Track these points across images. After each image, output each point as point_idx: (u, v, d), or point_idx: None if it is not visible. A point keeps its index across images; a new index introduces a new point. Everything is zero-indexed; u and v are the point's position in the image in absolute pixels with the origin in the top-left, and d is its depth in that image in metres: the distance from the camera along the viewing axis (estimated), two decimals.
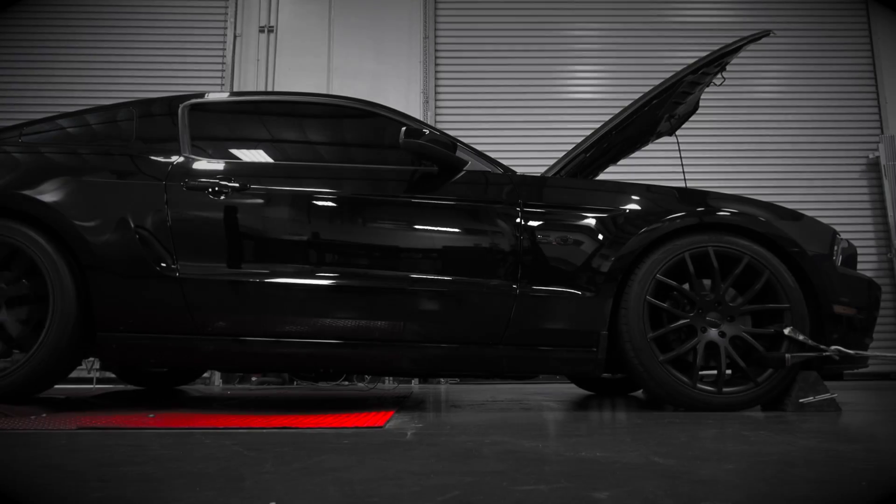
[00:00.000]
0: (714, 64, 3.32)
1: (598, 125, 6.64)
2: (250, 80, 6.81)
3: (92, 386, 5.35)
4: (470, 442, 1.78)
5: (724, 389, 2.73)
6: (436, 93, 6.81)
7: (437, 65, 6.89)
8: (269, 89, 6.72)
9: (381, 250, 2.84)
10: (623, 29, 7.07)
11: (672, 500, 1.04)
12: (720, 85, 3.76)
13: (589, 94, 6.97)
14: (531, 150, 6.58)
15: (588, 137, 3.32)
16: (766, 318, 2.87)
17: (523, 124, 6.77)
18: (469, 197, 2.89)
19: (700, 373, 2.77)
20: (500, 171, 3.03)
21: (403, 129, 2.83)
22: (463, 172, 2.95)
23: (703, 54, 6.95)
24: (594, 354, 2.77)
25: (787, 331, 2.73)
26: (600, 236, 2.82)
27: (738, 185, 6.52)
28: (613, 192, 2.95)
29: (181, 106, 3.14)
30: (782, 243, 2.85)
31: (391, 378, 6.15)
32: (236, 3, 6.92)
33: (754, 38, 3.28)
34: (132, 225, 2.79)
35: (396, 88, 6.74)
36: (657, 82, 7.00)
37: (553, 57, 7.01)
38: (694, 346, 2.77)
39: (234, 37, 6.85)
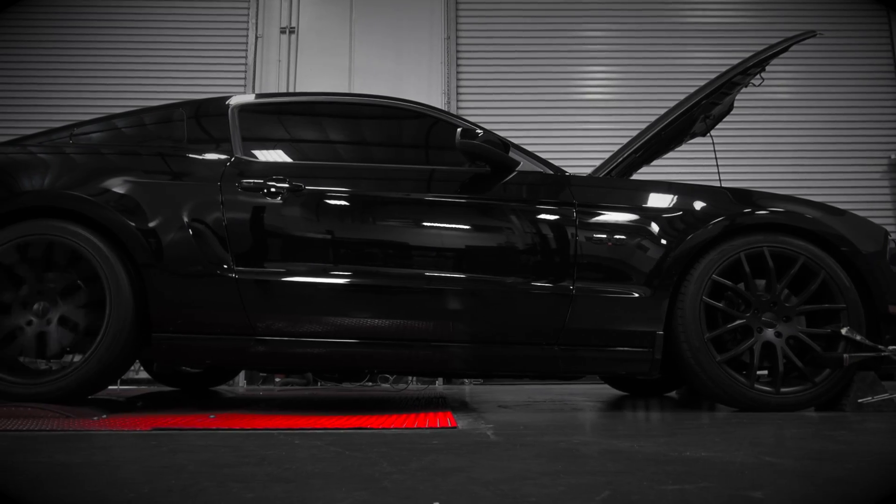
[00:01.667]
0: (758, 64, 3.32)
1: (619, 125, 6.70)
2: (272, 81, 6.80)
3: (117, 387, 5.34)
4: (562, 442, 1.78)
5: (782, 390, 2.74)
6: (458, 93, 6.82)
7: (458, 65, 6.89)
8: (292, 90, 6.71)
9: (436, 252, 2.84)
10: (645, 30, 7.08)
11: (832, 500, 1.05)
12: (759, 85, 3.76)
13: (612, 96, 6.98)
14: (554, 151, 6.58)
15: (637, 138, 3.32)
16: (821, 319, 2.88)
17: (547, 124, 6.78)
18: (523, 197, 2.89)
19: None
20: (550, 171, 3.03)
21: (459, 129, 2.83)
22: (515, 173, 2.95)
23: (721, 55, 6.99)
24: (650, 355, 2.77)
25: (844, 331, 2.74)
26: (655, 237, 2.83)
27: (756, 185, 6.53)
28: (666, 192, 2.96)
29: (231, 106, 3.14)
30: (836, 242, 2.86)
31: (414, 378, 6.14)
32: (257, 5, 6.91)
33: (800, 39, 3.29)
34: (188, 225, 2.78)
35: (418, 89, 6.74)
36: (677, 83, 7.03)
37: (575, 57, 7.02)
38: (750, 347, 2.78)
39: (256, 38, 6.85)
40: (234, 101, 3.18)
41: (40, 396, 2.69)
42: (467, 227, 2.87)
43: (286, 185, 2.84)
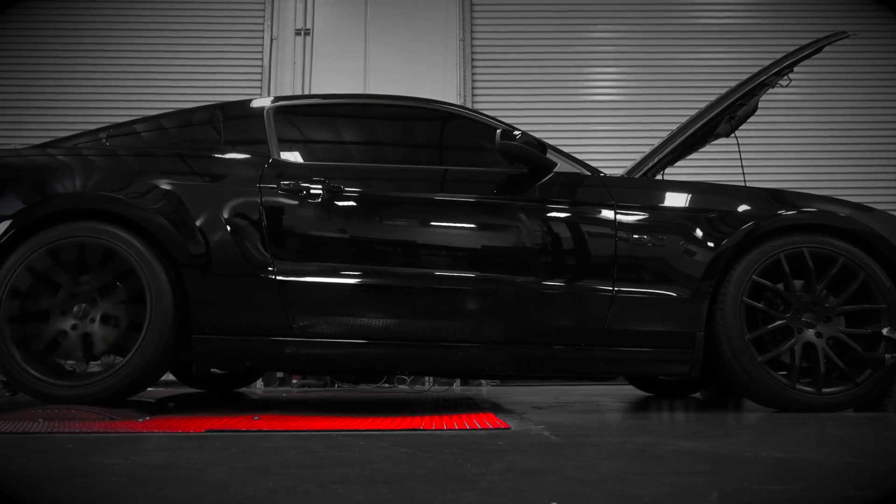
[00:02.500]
0: (791, 65, 3.32)
1: (634, 127, 6.70)
2: (287, 83, 6.79)
3: None
4: (628, 443, 1.78)
5: (824, 390, 2.74)
6: (473, 94, 6.82)
7: (473, 66, 6.89)
8: (307, 92, 6.71)
9: (476, 253, 2.85)
10: (659, 31, 7.07)
11: None
12: (786, 86, 3.75)
13: (627, 97, 6.97)
14: (571, 151, 6.58)
15: (671, 138, 3.30)
16: (860, 319, 2.88)
17: (563, 125, 6.77)
18: (563, 199, 2.90)
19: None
20: (587, 172, 3.03)
21: (499, 130, 2.83)
22: (552, 174, 2.94)
23: (736, 56, 6.98)
24: (691, 355, 2.77)
25: (885, 331, 2.75)
26: (694, 238, 2.83)
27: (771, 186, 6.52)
28: (705, 192, 2.97)
29: (266, 108, 3.14)
30: (875, 242, 2.86)
31: (431, 380, 6.12)
32: (272, 6, 6.91)
33: (833, 40, 3.30)
34: (228, 227, 2.77)
35: (433, 90, 6.71)
36: (692, 85, 7.02)
37: (589, 58, 7.02)
38: (791, 347, 2.78)
39: (271, 40, 6.84)
40: (269, 102, 3.17)
41: (80, 398, 2.68)
42: (506, 228, 2.87)
43: (326, 187, 2.83)
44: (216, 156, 2.97)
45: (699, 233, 2.84)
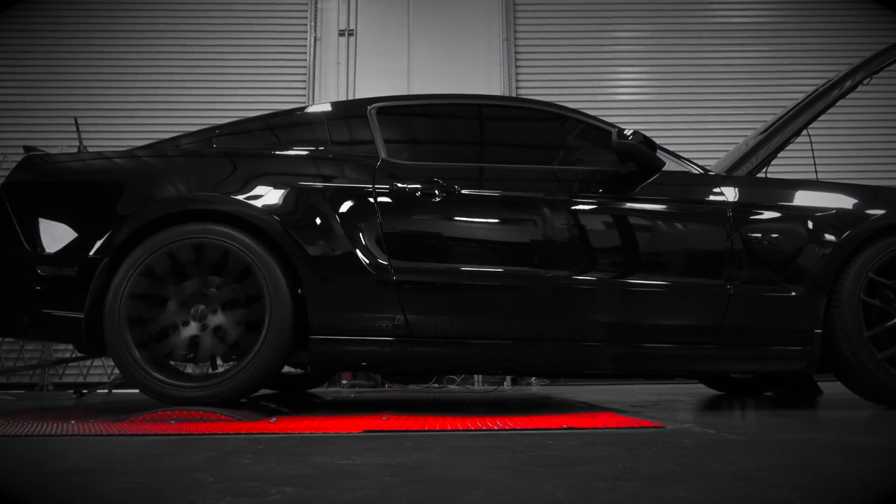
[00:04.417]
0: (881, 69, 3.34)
1: (682, 126, 6.70)
2: (331, 84, 6.79)
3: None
4: (816, 440, 1.79)
5: None
6: (517, 94, 6.81)
7: (517, 66, 6.89)
8: (351, 92, 6.71)
9: (592, 252, 2.84)
10: (710, 29, 7.08)
11: None
12: (867, 84, 3.75)
13: (675, 96, 6.98)
14: None
15: (768, 137, 3.29)
16: None
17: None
18: (676, 197, 2.90)
19: None
20: (696, 170, 3.04)
21: (615, 129, 2.84)
22: (661, 173, 2.95)
23: (777, 54, 6.94)
24: (808, 353, 2.78)
25: None
26: (809, 235, 2.84)
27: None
28: (816, 190, 2.99)
29: (369, 108, 3.13)
30: None
31: (481, 378, 6.12)
32: (315, 8, 6.90)
33: None
34: (344, 227, 2.76)
35: (477, 90, 6.67)
36: (736, 83, 6.96)
37: (636, 57, 7.03)
38: None
39: (315, 41, 6.84)
40: (370, 102, 3.17)
41: (199, 400, 2.67)
42: (622, 227, 2.87)
43: (441, 188, 2.83)
44: (327, 156, 2.97)
45: (813, 230, 2.85)
